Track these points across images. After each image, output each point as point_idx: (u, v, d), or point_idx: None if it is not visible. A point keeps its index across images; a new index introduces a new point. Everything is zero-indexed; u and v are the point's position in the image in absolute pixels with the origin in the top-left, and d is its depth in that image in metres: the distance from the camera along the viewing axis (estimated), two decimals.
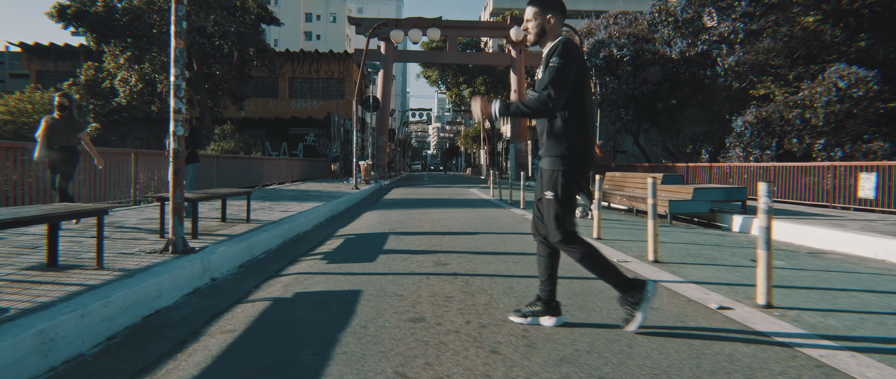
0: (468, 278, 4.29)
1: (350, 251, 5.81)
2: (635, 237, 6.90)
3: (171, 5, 4.64)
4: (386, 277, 4.37)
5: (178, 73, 4.67)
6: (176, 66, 4.66)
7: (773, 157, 15.62)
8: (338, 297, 3.77)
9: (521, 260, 5.16)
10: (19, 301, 3.01)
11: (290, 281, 4.31)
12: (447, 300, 3.60)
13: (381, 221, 8.79)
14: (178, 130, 4.70)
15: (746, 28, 16.88)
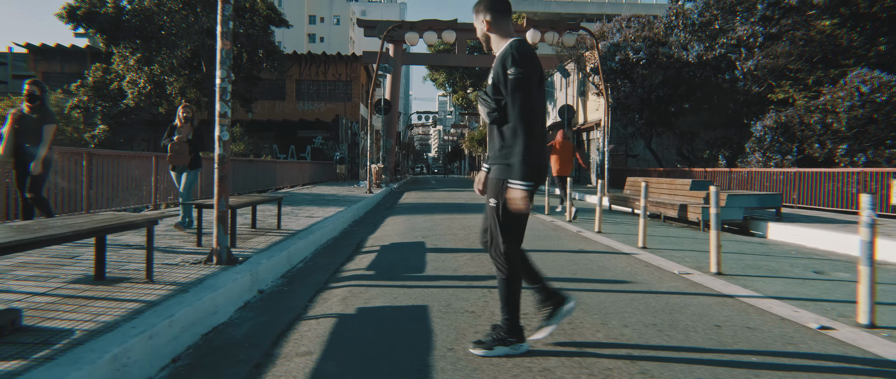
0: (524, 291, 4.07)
1: (392, 261, 5.59)
2: (682, 247, 6.69)
3: (218, 5, 4.43)
4: (446, 291, 4.15)
5: (224, 76, 4.46)
6: (222, 68, 4.46)
7: (794, 162, 15.41)
8: (405, 314, 3.56)
9: (570, 264, 4.95)
10: (80, 320, 2.80)
11: (345, 295, 4.10)
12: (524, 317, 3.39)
13: (409, 228, 8.57)
14: (223, 135, 4.49)
15: (765, 32, 16.69)
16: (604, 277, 4.68)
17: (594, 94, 26.62)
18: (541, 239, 7.16)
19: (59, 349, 2.35)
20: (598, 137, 27.94)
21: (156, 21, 21.02)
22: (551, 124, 33.66)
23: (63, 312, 2.94)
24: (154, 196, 9.31)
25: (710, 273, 4.86)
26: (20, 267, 4.18)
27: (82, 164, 7.52)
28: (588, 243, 6.81)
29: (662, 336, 3.03)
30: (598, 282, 4.49)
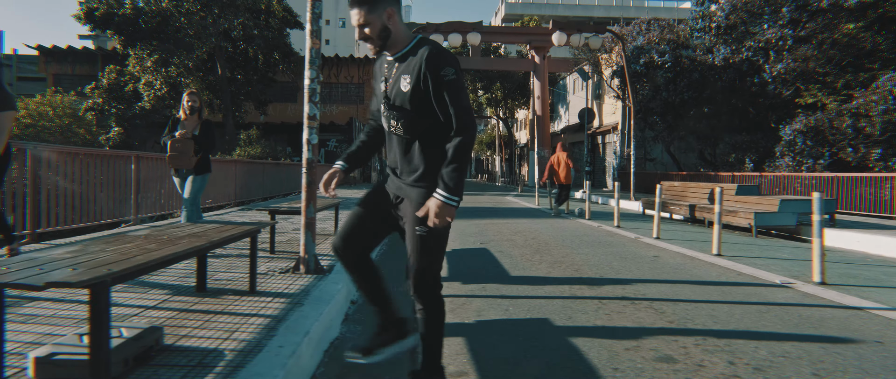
0: (640, 302, 3.88)
1: (469, 267, 5.38)
2: (754, 254, 6.49)
3: (307, 3, 4.24)
4: (555, 302, 3.95)
5: (314, 76, 4.27)
6: (311, 68, 4.26)
7: (826, 166, 15.23)
8: (530, 328, 3.35)
9: (640, 268, 4.75)
10: (217, 338, 2.60)
11: (453, 307, 3.89)
12: (663, 336, 3.19)
13: (458, 233, 8.36)
14: (312, 138, 4.29)
15: (794, 35, 16.53)
16: (697, 281, 4.48)
17: (612, 97, 26.45)
18: (602, 245, 6.96)
19: (225, 373, 2.15)
20: (614, 141, 27.76)
21: (173, 22, 20.87)
22: (569, 126, 33.49)
23: (192, 329, 2.74)
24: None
25: (812, 283, 4.66)
26: None
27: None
28: (652, 249, 6.61)
29: (832, 356, 2.83)
30: (691, 284, 4.28)
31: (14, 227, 5.19)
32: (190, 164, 5.21)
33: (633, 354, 2.83)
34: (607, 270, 5.24)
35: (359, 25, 2.16)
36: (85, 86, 25.89)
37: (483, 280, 4.82)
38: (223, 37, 23.21)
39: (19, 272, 1.83)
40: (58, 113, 24.92)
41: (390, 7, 2.15)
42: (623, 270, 5.22)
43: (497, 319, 3.58)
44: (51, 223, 5.69)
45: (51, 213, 5.67)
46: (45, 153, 5.57)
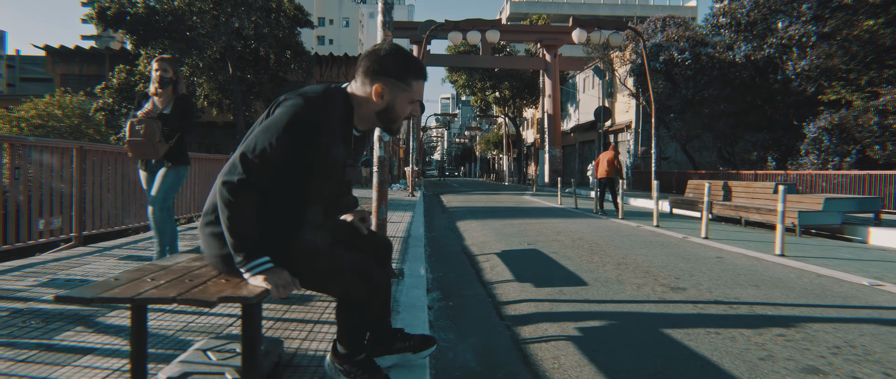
0: (739, 306, 3.67)
1: (531, 270, 5.18)
2: (813, 254, 6.28)
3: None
4: (648, 306, 3.74)
5: None
6: None
7: (853, 164, 15.02)
8: (641, 335, 3.15)
9: (711, 270, 4.54)
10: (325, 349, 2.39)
11: (543, 313, 3.69)
12: (787, 343, 2.98)
13: (497, 233, 8.16)
14: (384, 135, 4.08)
15: (818, 31, 16.31)
16: (783, 283, 4.27)
17: (625, 95, 26.25)
18: (655, 246, 6.76)
19: None
20: (628, 139, 27.56)
21: (185, 21, 20.65)
22: (579, 125, 33.25)
23: (300, 340, 2.53)
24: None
25: None
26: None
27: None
28: (709, 249, 6.40)
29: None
30: (779, 286, 4.07)
31: (62, 230, 4.99)
32: (155, 152, 3.87)
33: (772, 365, 2.62)
34: (678, 271, 5.03)
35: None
36: (93, 86, 25.67)
37: (554, 283, 4.62)
38: (235, 36, 23.00)
39: (172, 284, 1.62)
40: (67, 113, 24.69)
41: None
42: (695, 272, 5.01)
43: (598, 325, 3.37)
44: (95, 225, 5.48)
45: (95, 215, 5.47)
46: (91, 151, 5.36)
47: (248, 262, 1.65)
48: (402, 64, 1.83)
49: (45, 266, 4.12)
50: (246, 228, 1.64)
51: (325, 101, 1.74)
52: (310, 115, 1.67)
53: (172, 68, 4.02)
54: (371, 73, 1.81)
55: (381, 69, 1.80)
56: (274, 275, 1.66)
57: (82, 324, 2.69)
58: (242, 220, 1.63)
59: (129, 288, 1.51)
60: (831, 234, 9.07)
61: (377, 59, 1.81)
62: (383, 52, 1.82)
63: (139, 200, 6.31)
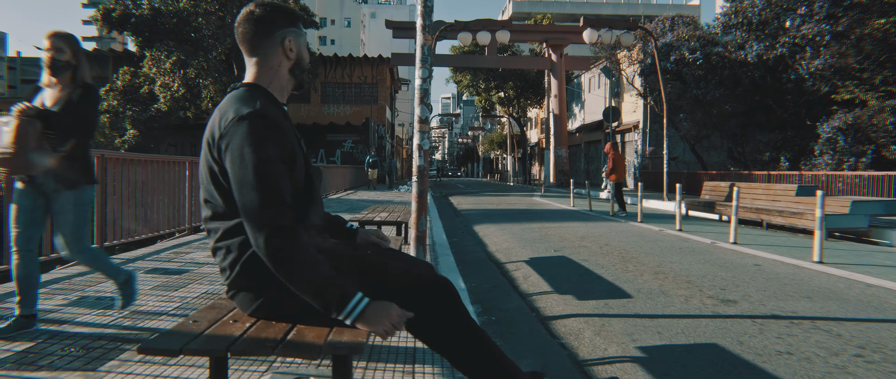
0: (802, 322, 3.50)
1: (566, 279, 5.01)
2: (850, 260, 6.11)
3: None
4: (703, 322, 3.57)
5: (427, 76, 3.90)
6: (423, 67, 3.89)
7: (868, 165, 14.85)
8: (707, 354, 2.98)
9: (754, 279, 4.37)
10: None
11: (594, 329, 3.52)
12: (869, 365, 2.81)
13: (519, 238, 8.00)
14: (424, 143, 3.92)
15: (832, 30, 16.14)
16: (834, 295, 4.10)
17: (633, 95, 26.08)
18: (687, 252, 6.59)
19: None
20: (635, 139, 27.39)
21: (191, 22, 20.49)
22: (585, 125, 33.07)
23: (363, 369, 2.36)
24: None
25: None
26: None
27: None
28: (743, 256, 6.23)
29: None
30: (832, 298, 3.91)
31: None
32: (28, 165, 2.60)
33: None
34: (720, 281, 4.86)
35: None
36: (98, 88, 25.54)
37: (596, 295, 4.45)
38: None
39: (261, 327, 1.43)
40: None
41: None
42: (739, 282, 4.84)
43: (660, 344, 3.20)
44: (116, 236, 5.32)
45: (116, 225, 5.30)
46: (112, 159, 5.20)
47: (342, 308, 1.41)
48: (285, 9, 1.68)
49: (70, 282, 3.95)
50: (316, 273, 1.40)
51: (251, 97, 1.53)
52: (256, 109, 1.46)
53: (70, 48, 2.82)
54: (267, 35, 1.61)
55: (274, 24, 1.63)
56: (376, 312, 1.43)
57: (126, 352, 2.52)
58: (307, 265, 1.38)
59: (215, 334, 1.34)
60: (857, 237, 8.91)
61: (267, 19, 1.62)
62: (262, 10, 1.62)
63: (160, 208, 6.16)
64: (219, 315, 1.50)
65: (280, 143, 1.46)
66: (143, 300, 3.45)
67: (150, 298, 3.54)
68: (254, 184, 1.38)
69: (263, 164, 1.39)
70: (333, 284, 1.41)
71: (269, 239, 1.35)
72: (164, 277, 4.19)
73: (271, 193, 1.38)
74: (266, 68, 1.63)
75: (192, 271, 4.48)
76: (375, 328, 1.42)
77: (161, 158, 6.26)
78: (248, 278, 1.50)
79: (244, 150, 1.40)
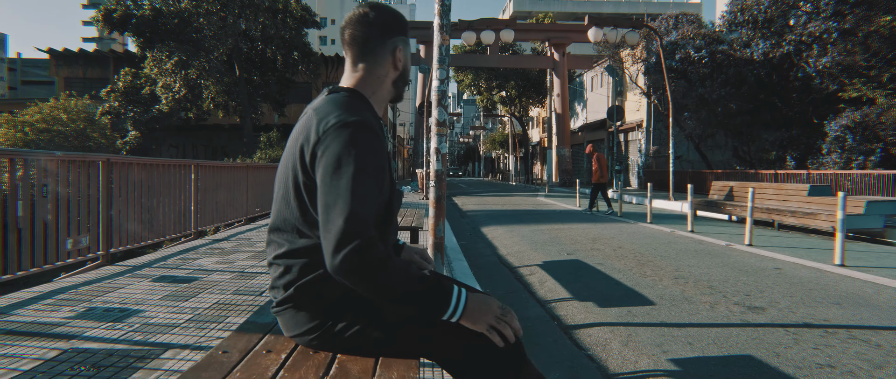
0: (837, 331, 3.38)
1: (585, 285, 4.88)
2: (876, 263, 5.98)
3: None
4: (734, 331, 3.44)
5: (444, 77, 3.77)
6: (440, 68, 3.76)
7: (877, 163, 14.72)
8: (744, 367, 2.85)
9: (777, 284, 4.24)
10: None
11: (621, 339, 3.39)
12: None
13: (529, 241, 7.87)
14: (442, 147, 3.79)
15: (838, 27, 16.00)
16: (865, 301, 3.97)
17: (636, 94, 25.94)
18: (704, 255, 6.46)
19: None
20: (639, 138, 27.25)
21: (192, 23, 20.35)
22: (587, 124, 32.94)
23: None
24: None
25: None
26: None
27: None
28: (761, 259, 6.10)
29: None
30: (863, 305, 3.78)
31: (89, 248, 4.70)
32: None
33: None
34: (743, 286, 4.74)
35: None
36: (97, 89, 25.41)
37: (618, 301, 4.33)
38: (242, 37, 22.71)
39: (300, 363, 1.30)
40: (72, 117, 24.39)
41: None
42: (762, 287, 4.72)
43: (692, 356, 3.07)
44: (122, 242, 5.19)
45: (121, 230, 5.17)
46: (117, 163, 5.07)
47: (446, 306, 1.30)
48: (398, 15, 1.55)
49: (77, 291, 3.82)
50: (409, 276, 1.28)
51: (353, 104, 1.42)
52: (360, 118, 1.35)
53: None
54: (379, 42, 1.49)
55: (389, 30, 1.50)
56: (479, 305, 1.32)
57: (139, 371, 2.40)
58: (399, 271, 1.27)
59: (252, 368, 1.21)
60: (872, 237, 8.79)
61: (382, 24, 1.49)
62: (377, 14, 1.49)
63: (166, 213, 6.03)
64: (249, 345, 1.37)
65: (378, 159, 1.33)
66: (153, 312, 3.33)
67: (160, 309, 3.41)
68: (346, 197, 1.24)
69: (359, 175, 1.26)
70: (429, 281, 1.30)
71: (356, 251, 1.22)
72: (173, 286, 4.06)
73: (361, 209, 1.25)
74: (372, 76, 1.52)
75: (202, 279, 4.35)
76: (480, 325, 1.31)
77: (165, 162, 6.13)
78: (300, 302, 1.39)
79: (342, 158, 1.28)
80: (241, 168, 8.58)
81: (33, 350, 2.60)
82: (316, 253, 1.35)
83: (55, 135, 24.26)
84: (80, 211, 4.58)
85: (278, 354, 1.31)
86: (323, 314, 1.37)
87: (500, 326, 1.33)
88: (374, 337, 1.35)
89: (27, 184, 3.95)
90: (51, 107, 24.77)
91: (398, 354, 1.37)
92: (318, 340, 1.37)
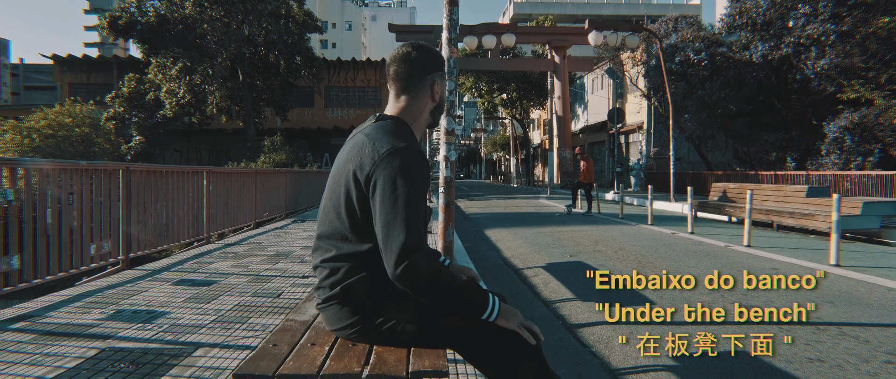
0: (828, 328, 3.55)
1: (587, 290, 5.05)
2: (871, 263, 6.16)
3: (443, 9, 3.93)
4: (737, 328, 3.61)
5: (452, 88, 3.95)
6: (450, 80, 3.94)
7: (876, 164, 14.88)
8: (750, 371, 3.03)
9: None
10: None
11: (611, 335, 3.56)
12: None
13: (532, 243, 8.05)
14: (450, 154, 3.97)
15: (836, 29, 16.18)
16: (858, 300, 4.15)
17: (637, 96, 26.12)
18: (702, 256, 6.64)
19: None
20: (639, 140, 27.43)
21: (196, 29, 20.58)
22: (588, 126, 33.14)
23: None
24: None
25: None
26: None
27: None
28: (759, 260, 6.28)
29: None
30: (856, 303, 3.95)
31: (111, 253, 4.88)
32: None
33: None
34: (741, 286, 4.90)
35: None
36: (101, 95, 25.64)
37: (619, 301, 4.49)
38: (245, 43, 22.94)
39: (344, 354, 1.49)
40: (77, 122, 24.61)
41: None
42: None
43: (691, 352, 3.24)
44: (141, 247, 5.38)
45: (140, 235, 5.36)
46: (135, 171, 5.26)
47: (485, 307, 1.57)
48: (436, 54, 1.80)
49: (103, 295, 4.01)
50: (456, 285, 1.53)
51: (401, 131, 1.66)
52: (409, 144, 1.59)
53: None
54: (420, 77, 1.74)
55: (429, 68, 1.75)
56: (508, 310, 1.62)
57: (174, 367, 2.58)
58: (448, 281, 1.51)
59: (302, 358, 1.39)
60: (868, 238, 8.95)
61: (422, 63, 1.74)
62: (418, 54, 1.75)
63: (181, 218, 6.22)
64: (295, 338, 1.56)
65: (426, 179, 1.58)
66: (178, 313, 3.51)
67: (185, 311, 3.59)
68: (404, 215, 1.46)
69: (413, 197, 1.49)
70: (472, 290, 1.56)
71: (415, 263, 1.45)
72: (194, 289, 4.24)
73: (416, 225, 1.48)
74: (413, 107, 1.75)
75: (219, 282, 4.53)
76: (511, 323, 1.59)
77: (180, 169, 6.32)
78: (344, 299, 1.60)
79: (397, 182, 1.49)
80: (250, 174, 8.77)
81: (74, 349, 2.78)
82: (360, 258, 1.57)
83: (61, 141, 24.48)
84: (102, 217, 4.77)
85: (322, 346, 1.49)
86: (364, 311, 1.57)
87: (528, 324, 1.61)
88: (408, 331, 1.56)
89: (55, 192, 4.14)
90: (56, 112, 25.00)
91: (429, 345, 1.57)
92: (358, 334, 1.57)
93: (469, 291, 1.54)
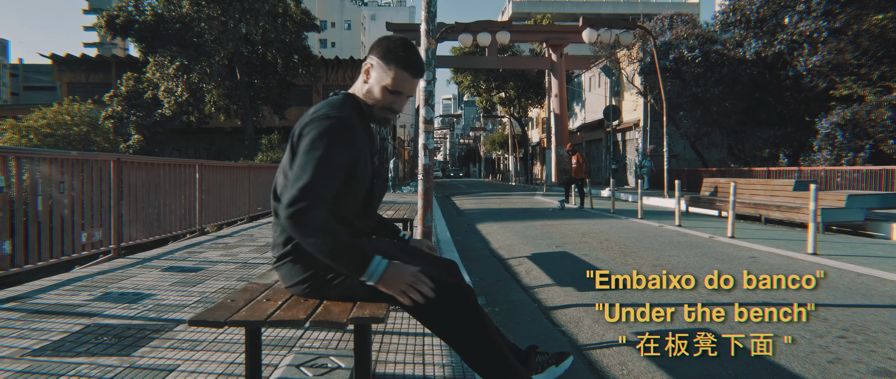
0: None
1: (569, 274, 5.18)
2: (849, 252, 6.28)
3: (421, 1, 4.06)
4: (706, 309, 3.74)
5: (430, 79, 4.08)
6: (427, 71, 4.07)
7: (867, 159, 15.00)
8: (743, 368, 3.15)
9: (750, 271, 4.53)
10: (405, 362, 2.40)
11: (582, 316, 3.69)
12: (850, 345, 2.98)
13: (521, 235, 8.18)
14: (429, 142, 4.10)
15: (829, 26, 16.29)
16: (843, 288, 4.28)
17: (633, 93, 26.24)
18: (685, 247, 6.76)
19: None
20: (635, 138, 27.55)
21: (193, 28, 20.72)
22: (585, 124, 33.26)
23: (381, 362, 2.54)
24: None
25: None
26: None
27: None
28: (739, 249, 6.41)
29: None
30: (832, 288, 4.08)
31: (102, 242, 5.01)
32: None
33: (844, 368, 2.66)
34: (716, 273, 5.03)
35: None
36: (100, 94, 25.79)
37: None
38: (242, 41, 23.06)
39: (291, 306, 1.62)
40: (75, 121, 24.75)
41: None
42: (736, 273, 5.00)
43: (656, 329, 3.37)
44: (132, 237, 5.51)
45: (131, 226, 5.49)
46: (126, 163, 5.39)
47: (364, 268, 1.60)
48: (388, 47, 1.83)
49: (93, 280, 4.14)
50: (341, 245, 1.58)
51: (341, 104, 1.78)
52: (340, 114, 1.69)
53: None
54: (364, 60, 1.88)
55: (371, 49, 1.86)
56: (394, 273, 1.61)
57: (155, 340, 2.71)
58: (330, 232, 1.57)
59: (254, 309, 1.52)
60: (853, 230, 9.07)
61: (371, 47, 1.87)
62: (376, 41, 1.88)
63: (172, 210, 6.35)
64: (252, 296, 1.69)
65: (346, 151, 1.66)
66: (164, 295, 3.64)
67: (171, 293, 3.72)
68: (313, 167, 1.58)
69: (327, 158, 1.60)
70: (354, 248, 1.60)
71: (307, 209, 1.54)
72: (181, 275, 4.37)
73: (323, 181, 1.58)
74: (356, 84, 1.89)
75: (207, 269, 4.66)
76: (393, 289, 1.61)
77: (171, 161, 6.45)
78: (297, 256, 1.72)
79: (317, 142, 1.62)
80: (244, 168, 8.91)
81: (60, 325, 2.91)
82: None
83: (59, 139, 24.63)
84: (93, 207, 4.90)
85: (275, 301, 1.62)
86: (315, 266, 1.69)
87: (409, 290, 1.62)
88: (357, 286, 1.67)
89: (46, 180, 4.27)
90: (54, 112, 25.14)
91: (374, 299, 1.68)
92: (311, 289, 1.69)
93: (352, 253, 1.58)
